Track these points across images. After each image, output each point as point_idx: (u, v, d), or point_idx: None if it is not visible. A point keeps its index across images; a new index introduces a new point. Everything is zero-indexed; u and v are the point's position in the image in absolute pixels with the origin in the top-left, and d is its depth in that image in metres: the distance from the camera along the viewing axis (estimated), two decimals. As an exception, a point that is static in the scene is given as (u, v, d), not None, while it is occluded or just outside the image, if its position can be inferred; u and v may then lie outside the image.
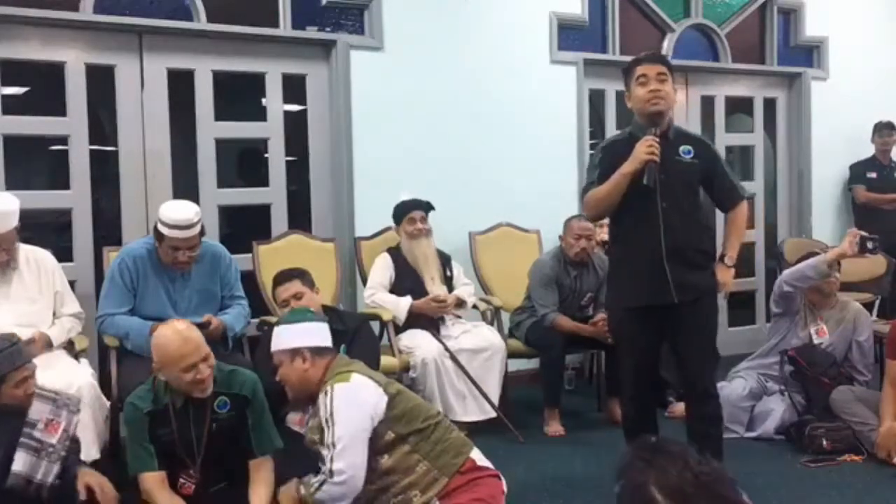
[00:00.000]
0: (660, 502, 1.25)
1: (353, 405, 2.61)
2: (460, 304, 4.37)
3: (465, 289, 4.46)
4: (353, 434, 2.57)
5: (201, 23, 4.48)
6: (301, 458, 3.18)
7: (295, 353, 2.73)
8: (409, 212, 4.34)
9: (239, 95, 5.04)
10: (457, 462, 2.68)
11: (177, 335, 2.72)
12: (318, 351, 2.76)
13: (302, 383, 2.74)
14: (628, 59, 5.91)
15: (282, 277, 3.67)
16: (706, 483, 1.25)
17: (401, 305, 4.20)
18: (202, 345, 2.75)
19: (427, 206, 4.40)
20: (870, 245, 3.88)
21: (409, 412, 2.71)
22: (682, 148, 3.17)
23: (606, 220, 4.76)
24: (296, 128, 4.81)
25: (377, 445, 2.63)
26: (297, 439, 3.31)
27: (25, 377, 2.64)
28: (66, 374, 3.22)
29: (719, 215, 3.64)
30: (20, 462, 2.59)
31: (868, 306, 4.95)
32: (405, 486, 2.63)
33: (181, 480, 2.80)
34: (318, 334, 2.81)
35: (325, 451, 2.58)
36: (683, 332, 3.18)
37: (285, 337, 2.77)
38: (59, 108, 4.23)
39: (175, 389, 2.75)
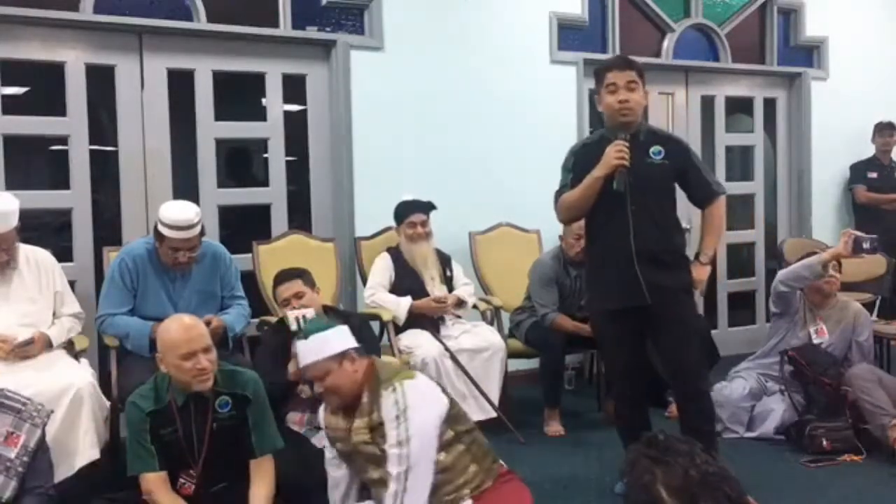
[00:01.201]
0: (666, 500, 1.25)
1: (427, 402, 2.59)
2: (460, 304, 4.37)
3: (465, 289, 4.46)
4: (428, 430, 2.54)
5: (201, 23, 4.48)
6: (300, 457, 3.19)
7: (343, 356, 2.65)
8: (410, 215, 4.34)
9: (239, 95, 5.04)
10: (495, 467, 2.72)
11: (180, 324, 2.76)
12: (360, 351, 2.72)
13: (351, 386, 2.65)
14: (628, 59, 5.88)
15: (282, 277, 3.66)
16: (713, 483, 1.25)
17: (401, 305, 4.20)
18: (205, 336, 2.76)
19: (428, 207, 4.39)
20: (866, 245, 3.88)
21: (461, 414, 2.73)
22: (652, 149, 3.17)
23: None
24: (296, 128, 4.81)
25: (438, 442, 2.61)
26: (298, 439, 3.32)
27: None
28: (66, 374, 3.23)
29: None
30: None
31: (868, 306, 4.94)
32: (458, 485, 2.61)
33: (181, 480, 2.79)
34: (350, 337, 2.75)
35: (395, 450, 2.51)
36: (663, 331, 3.20)
37: (328, 344, 2.66)
38: (59, 108, 4.23)
39: (176, 386, 2.75)
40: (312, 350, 2.65)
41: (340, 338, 2.69)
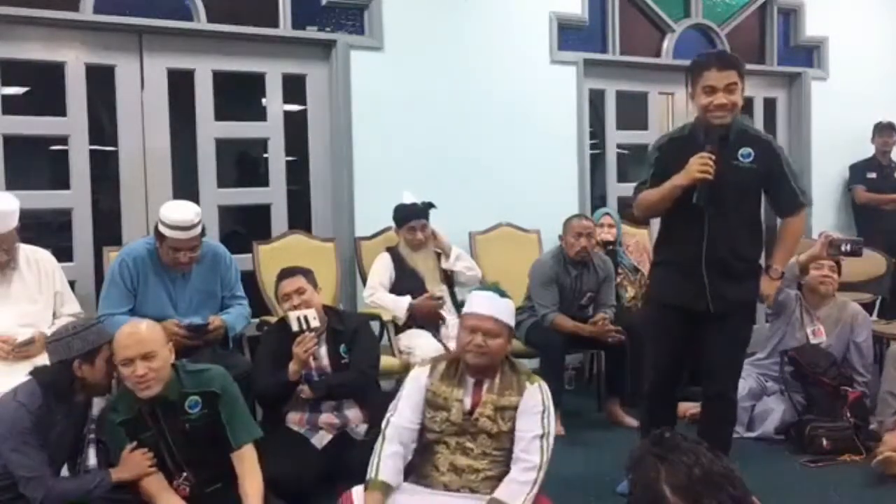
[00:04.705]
0: (669, 499, 1.25)
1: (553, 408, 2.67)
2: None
3: (460, 263, 4.44)
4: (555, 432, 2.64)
5: (201, 23, 4.48)
6: (299, 457, 3.19)
7: (511, 329, 2.71)
8: (409, 221, 4.31)
9: (239, 95, 5.04)
10: None
11: (124, 330, 2.73)
12: None
13: (501, 359, 2.68)
14: (628, 59, 5.92)
15: (286, 273, 3.65)
16: (717, 482, 1.25)
17: (400, 305, 4.19)
18: (146, 343, 2.67)
19: (427, 210, 4.37)
20: (845, 248, 3.87)
21: None
22: (741, 151, 3.02)
23: (607, 221, 4.83)
24: (296, 128, 4.81)
25: None
26: (298, 439, 3.32)
27: (111, 355, 2.73)
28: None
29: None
30: (93, 458, 2.79)
31: (868, 306, 4.94)
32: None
33: (176, 483, 2.80)
34: None
35: (537, 441, 2.57)
36: (716, 339, 3.13)
37: (511, 313, 2.72)
38: (59, 108, 4.22)
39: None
40: (501, 309, 2.67)
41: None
